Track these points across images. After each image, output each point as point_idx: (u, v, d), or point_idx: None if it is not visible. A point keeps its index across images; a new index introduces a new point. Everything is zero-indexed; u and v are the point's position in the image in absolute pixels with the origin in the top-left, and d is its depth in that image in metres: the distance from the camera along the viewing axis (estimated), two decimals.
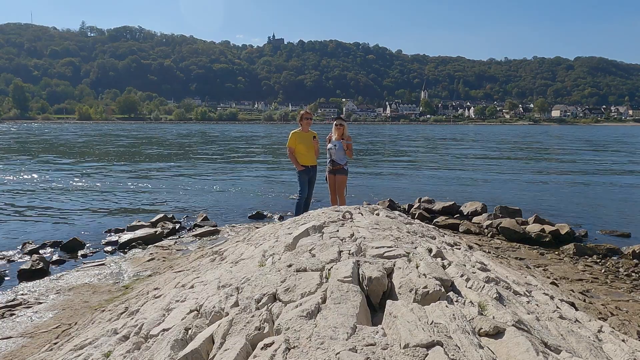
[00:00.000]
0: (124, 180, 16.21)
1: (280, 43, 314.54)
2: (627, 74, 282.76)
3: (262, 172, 19.70)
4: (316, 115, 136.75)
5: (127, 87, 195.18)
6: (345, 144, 7.15)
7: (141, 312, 3.68)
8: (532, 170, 20.98)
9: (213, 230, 8.73)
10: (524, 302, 3.17)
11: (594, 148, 37.83)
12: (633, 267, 6.79)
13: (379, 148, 36.74)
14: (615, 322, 4.55)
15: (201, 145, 37.94)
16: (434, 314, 2.29)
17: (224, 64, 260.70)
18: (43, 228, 9.09)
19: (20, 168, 19.77)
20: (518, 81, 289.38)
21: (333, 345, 1.94)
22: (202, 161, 24.48)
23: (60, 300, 5.26)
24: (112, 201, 12.18)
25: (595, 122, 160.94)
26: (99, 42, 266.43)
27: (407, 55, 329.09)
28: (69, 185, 14.88)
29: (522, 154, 31.65)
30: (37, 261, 6.45)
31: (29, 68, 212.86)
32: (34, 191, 13.63)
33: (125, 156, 26.99)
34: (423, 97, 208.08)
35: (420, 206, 10.71)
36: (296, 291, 2.63)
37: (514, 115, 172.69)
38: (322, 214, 5.38)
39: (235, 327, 2.38)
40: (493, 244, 7.96)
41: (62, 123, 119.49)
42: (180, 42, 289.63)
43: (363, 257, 3.19)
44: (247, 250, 4.72)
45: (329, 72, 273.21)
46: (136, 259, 7.00)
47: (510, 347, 2.09)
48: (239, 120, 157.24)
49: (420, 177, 18.16)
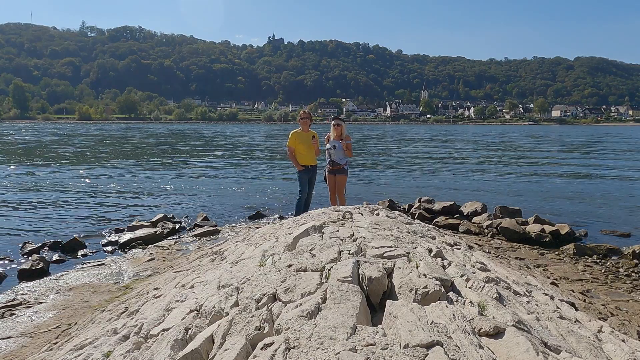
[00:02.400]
0: (124, 180, 16.21)
1: (280, 43, 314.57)
2: (627, 74, 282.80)
3: (262, 172, 19.70)
4: (316, 115, 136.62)
5: (127, 87, 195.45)
6: (344, 144, 7.16)
7: (141, 312, 3.68)
8: (532, 170, 20.97)
9: (213, 230, 8.73)
10: (524, 302, 3.17)
11: (594, 148, 37.84)
12: (633, 267, 6.79)
13: (379, 148, 36.73)
14: (615, 322, 4.55)
15: (185, 145, 37.93)
16: (434, 314, 2.29)
17: (224, 64, 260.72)
18: (43, 228, 9.08)
19: (20, 168, 19.77)
20: (518, 81, 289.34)
21: (333, 345, 1.94)
22: (202, 161, 24.47)
23: (60, 300, 5.26)
24: (112, 201, 12.18)
25: (596, 122, 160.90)
26: (99, 42, 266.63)
27: (407, 55, 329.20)
28: (69, 185, 14.88)
29: (522, 154, 31.63)
30: (37, 261, 6.45)
31: (29, 68, 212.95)
32: (34, 191, 13.63)
33: (125, 156, 26.99)
34: (423, 97, 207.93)
35: (420, 206, 10.70)
36: (296, 291, 2.64)
37: (514, 115, 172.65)
38: (322, 214, 5.38)
39: (235, 327, 2.38)
40: (493, 244, 7.96)
41: (62, 123, 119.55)
42: (180, 42, 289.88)
43: (363, 257, 3.20)
44: (247, 250, 4.72)
45: (329, 72, 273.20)
46: (136, 259, 7.00)
47: (510, 347, 2.09)
48: (239, 120, 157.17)
49: (420, 177, 18.15)
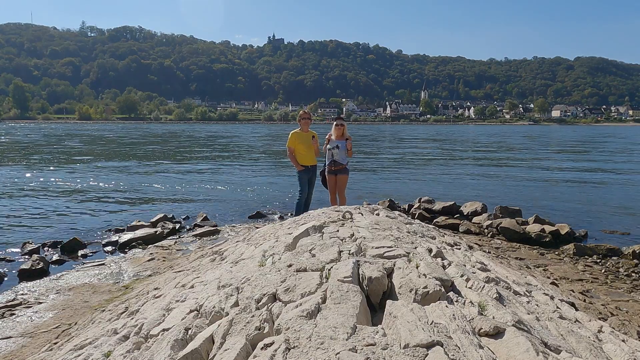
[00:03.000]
0: (124, 180, 16.21)
1: (280, 43, 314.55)
2: (627, 74, 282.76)
3: (262, 172, 19.70)
4: (316, 115, 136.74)
5: (127, 87, 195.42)
6: (349, 144, 7.20)
7: (141, 312, 3.68)
8: (532, 170, 20.97)
9: (213, 230, 8.73)
10: (524, 302, 3.17)
11: (594, 148, 37.83)
12: (633, 267, 6.79)
13: (379, 148, 36.73)
14: (615, 322, 4.55)
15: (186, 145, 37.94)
16: (434, 314, 2.29)
17: (224, 64, 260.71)
18: (43, 228, 9.08)
19: (20, 168, 19.77)
20: (518, 81, 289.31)
21: (333, 345, 1.94)
22: (202, 161, 24.48)
23: (60, 300, 5.26)
24: (112, 201, 12.18)
25: (596, 122, 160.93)
26: (99, 42, 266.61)
27: (407, 55, 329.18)
28: (69, 185, 14.88)
29: (521, 154, 31.63)
30: (37, 261, 6.45)
31: (29, 68, 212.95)
32: (34, 191, 13.63)
33: (125, 156, 26.99)
34: (423, 97, 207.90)
35: (420, 206, 10.70)
36: (296, 291, 2.64)
37: (514, 115, 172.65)
38: (322, 214, 5.38)
39: (235, 327, 2.38)
40: (493, 244, 7.96)
41: (62, 122, 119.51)
42: (180, 42, 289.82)
43: (363, 257, 3.20)
44: (247, 250, 4.72)
45: (329, 72, 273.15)
46: (136, 259, 7.00)
47: (510, 347, 2.09)
48: (239, 120, 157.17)
49: (420, 177, 18.15)
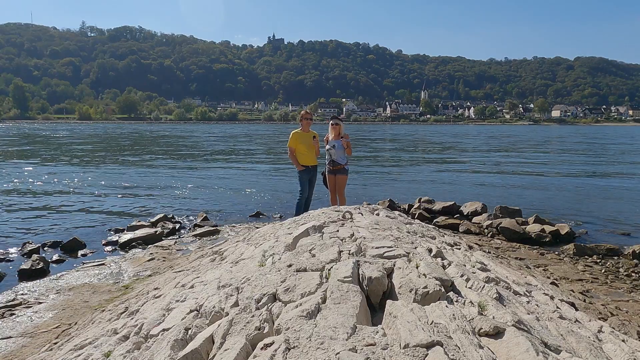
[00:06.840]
0: (124, 180, 16.21)
1: (280, 43, 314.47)
2: (627, 74, 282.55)
3: (262, 172, 19.70)
4: (316, 115, 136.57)
5: (127, 87, 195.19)
6: (344, 142, 7.18)
7: (141, 312, 3.68)
8: (532, 170, 20.97)
9: (213, 230, 8.73)
10: (524, 302, 3.17)
11: (594, 148, 37.83)
12: (633, 267, 6.79)
13: (379, 148, 36.73)
14: (615, 322, 4.55)
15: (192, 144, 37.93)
16: (434, 314, 2.29)
17: (224, 64, 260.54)
18: (43, 228, 9.08)
19: (20, 168, 19.77)
20: (518, 81, 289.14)
21: (333, 345, 1.94)
22: (203, 161, 24.48)
23: (60, 300, 5.26)
24: (112, 201, 12.18)
25: (596, 122, 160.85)
26: (99, 42, 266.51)
27: (407, 55, 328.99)
28: (69, 185, 14.87)
29: (521, 154, 31.63)
30: (37, 261, 6.45)
31: (29, 68, 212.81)
32: (34, 191, 13.63)
33: (125, 156, 26.99)
34: (423, 97, 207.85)
35: (420, 206, 10.70)
36: (296, 291, 2.64)
37: (514, 115, 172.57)
38: (322, 214, 5.38)
39: (235, 327, 2.38)
40: (493, 244, 7.96)
41: (62, 122, 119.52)
42: (180, 42, 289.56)
43: (363, 257, 3.20)
44: (247, 250, 4.72)
45: (329, 72, 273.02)
46: (136, 259, 7.00)
47: (510, 347, 2.09)
48: (239, 120, 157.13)
49: (420, 177, 18.15)
